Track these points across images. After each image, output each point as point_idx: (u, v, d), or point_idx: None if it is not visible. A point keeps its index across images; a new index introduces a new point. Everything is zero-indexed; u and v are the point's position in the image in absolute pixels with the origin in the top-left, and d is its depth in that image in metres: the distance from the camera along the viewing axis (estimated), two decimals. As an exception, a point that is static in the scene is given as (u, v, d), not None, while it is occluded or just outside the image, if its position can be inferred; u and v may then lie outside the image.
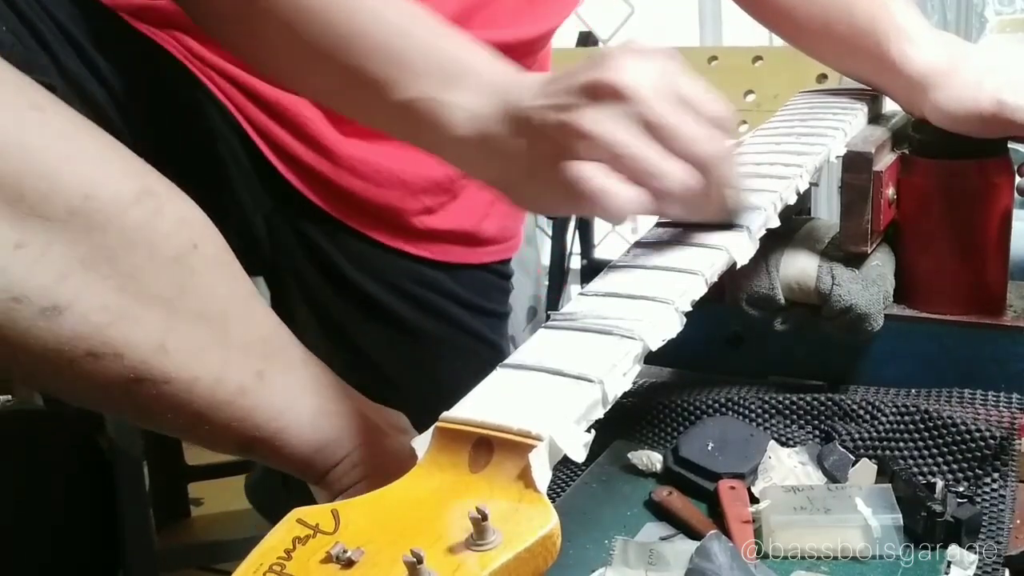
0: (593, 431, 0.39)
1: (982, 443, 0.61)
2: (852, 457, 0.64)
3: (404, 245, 0.83)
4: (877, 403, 0.66)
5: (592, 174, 0.46)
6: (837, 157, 0.67)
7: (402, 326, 0.84)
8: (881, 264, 0.71)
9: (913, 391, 0.69)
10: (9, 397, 1.61)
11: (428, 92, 0.52)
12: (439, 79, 0.52)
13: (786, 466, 0.65)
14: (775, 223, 0.56)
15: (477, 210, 0.86)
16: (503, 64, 0.54)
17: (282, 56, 0.58)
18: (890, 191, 0.69)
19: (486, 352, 0.88)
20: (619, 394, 0.40)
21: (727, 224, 0.53)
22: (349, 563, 0.32)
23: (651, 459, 0.67)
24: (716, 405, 0.70)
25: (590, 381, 0.39)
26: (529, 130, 0.49)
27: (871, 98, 0.76)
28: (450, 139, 0.52)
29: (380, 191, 0.80)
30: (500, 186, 0.53)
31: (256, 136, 0.76)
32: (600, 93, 0.47)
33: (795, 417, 0.69)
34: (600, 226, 2.25)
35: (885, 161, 0.69)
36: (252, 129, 0.76)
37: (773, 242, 0.70)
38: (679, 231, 0.53)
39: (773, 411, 0.69)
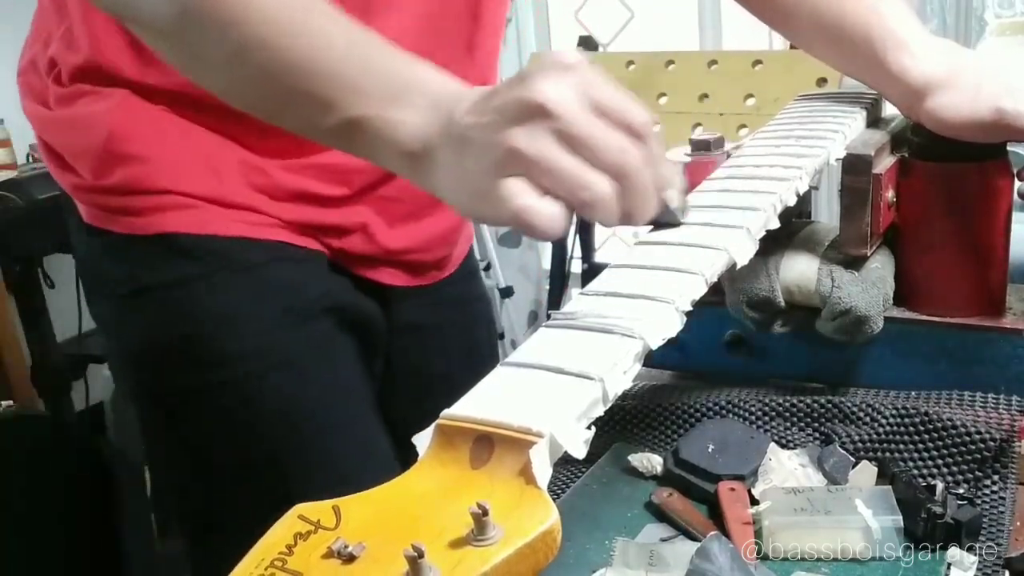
0: (593, 428, 0.39)
1: (982, 445, 0.61)
2: (852, 459, 0.64)
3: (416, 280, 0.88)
4: (877, 405, 0.66)
5: (518, 192, 0.49)
6: (837, 160, 0.67)
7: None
8: (881, 267, 0.71)
9: (913, 393, 0.69)
10: (11, 403, 1.62)
11: (372, 111, 0.55)
12: (383, 97, 0.55)
13: (786, 468, 0.65)
14: (775, 224, 0.56)
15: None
16: (444, 78, 0.56)
17: (223, 74, 0.60)
18: (890, 194, 0.69)
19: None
20: (619, 392, 0.41)
21: (673, 223, 0.54)
22: (350, 558, 0.32)
23: (652, 461, 0.67)
24: (716, 407, 0.70)
25: (590, 379, 0.39)
26: (464, 146, 0.51)
27: (871, 102, 0.76)
28: (395, 154, 0.55)
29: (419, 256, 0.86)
30: (444, 198, 0.55)
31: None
32: (523, 111, 0.49)
33: (795, 419, 0.69)
34: (600, 231, 2.25)
35: (885, 164, 0.69)
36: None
37: (773, 245, 0.70)
38: (679, 231, 0.53)
39: (773, 413, 0.69)
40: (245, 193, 0.75)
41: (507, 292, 2.58)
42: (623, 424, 0.72)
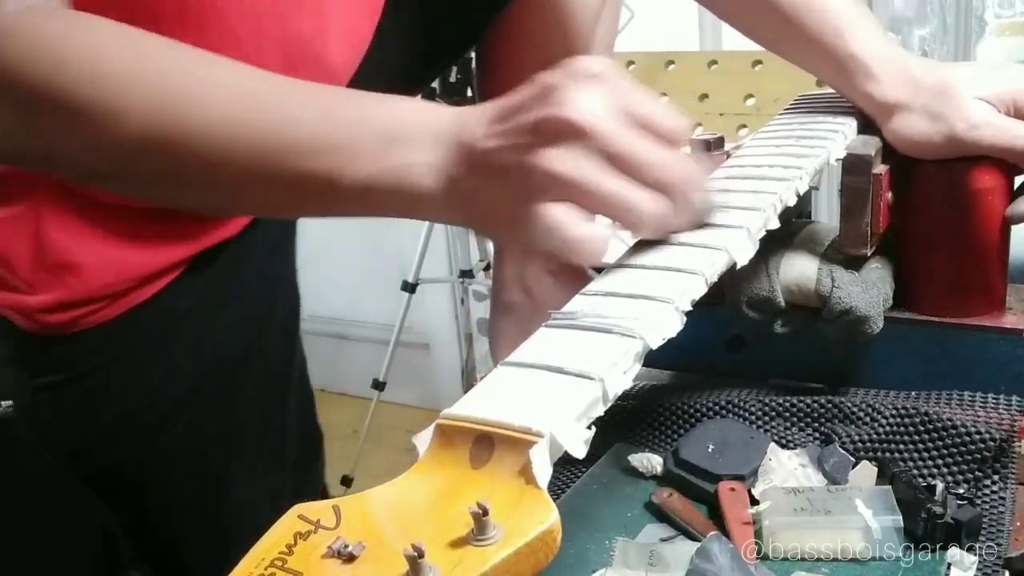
0: (593, 428, 0.39)
1: (982, 445, 0.61)
2: (852, 459, 0.64)
3: None
4: (877, 405, 0.66)
5: (566, 221, 0.45)
6: (837, 160, 0.67)
7: None
8: (881, 267, 0.71)
9: (913, 393, 0.69)
10: (10, 403, 1.61)
11: (379, 164, 0.50)
12: (382, 148, 0.50)
13: (786, 468, 0.65)
14: (775, 224, 0.56)
15: None
16: (431, 108, 0.52)
17: (212, 193, 0.56)
18: (889, 194, 0.69)
19: None
20: (619, 392, 0.41)
21: (700, 224, 0.53)
22: (350, 558, 0.32)
23: (651, 461, 0.67)
24: (716, 407, 0.70)
25: (590, 379, 0.39)
26: (490, 171, 0.48)
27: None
28: (417, 198, 0.50)
29: None
30: (479, 228, 0.52)
31: None
32: (556, 132, 0.46)
33: (795, 419, 0.69)
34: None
35: (884, 164, 0.69)
36: None
37: (773, 245, 0.70)
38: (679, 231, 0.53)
39: (773, 413, 0.69)
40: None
41: (507, 292, 2.57)
42: (623, 424, 0.72)
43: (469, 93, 1.72)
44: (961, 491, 0.58)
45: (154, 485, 0.78)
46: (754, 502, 0.61)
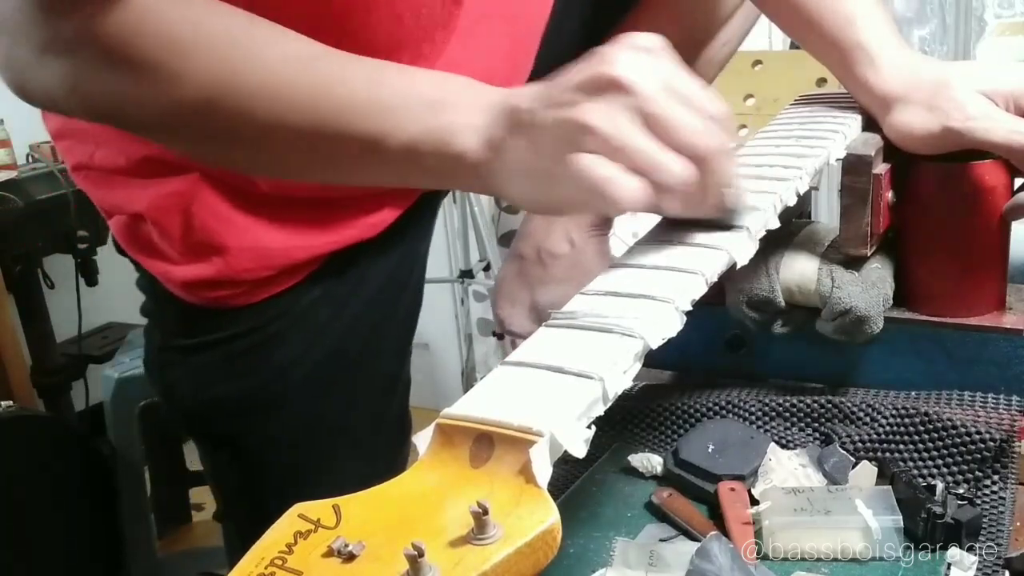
0: (593, 428, 0.39)
1: (982, 445, 0.61)
2: (852, 459, 0.64)
3: None
4: (877, 405, 0.66)
5: (596, 163, 0.47)
6: (837, 160, 0.67)
7: None
8: (881, 267, 0.71)
9: (913, 393, 0.69)
10: (11, 403, 1.61)
11: (423, 125, 0.52)
12: (428, 111, 0.53)
13: (786, 468, 0.65)
14: (775, 224, 0.56)
15: None
16: (479, 83, 0.55)
17: (268, 154, 0.58)
18: (890, 194, 0.69)
19: None
20: (619, 391, 0.40)
21: (726, 224, 0.53)
22: (350, 557, 0.32)
23: (652, 461, 0.67)
24: (716, 408, 0.70)
25: (590, 378, 0.39)
26: (531, 130, 0.50)
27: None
28: (457, 159, 0.52)
29: None
30: (515, 196, 0.53)
31: None
32: (599, 86, 0.47)
33: (795, 419, 0.69)
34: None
35: (884, 164, 0.69)
36: None
37: (773, 245, 0.70)
38: (679, 231, 0.53)
39: (773, 413, 0.69)
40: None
41: (507, 292, 2.57)
42: (623, 424, 0.72)
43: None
44: (961, 491, 0.58)
45: (259, 460, 0.80)
46: (754, 502, 0.61)
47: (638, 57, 0.48)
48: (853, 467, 0.64)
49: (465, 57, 0.69)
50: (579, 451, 0.37)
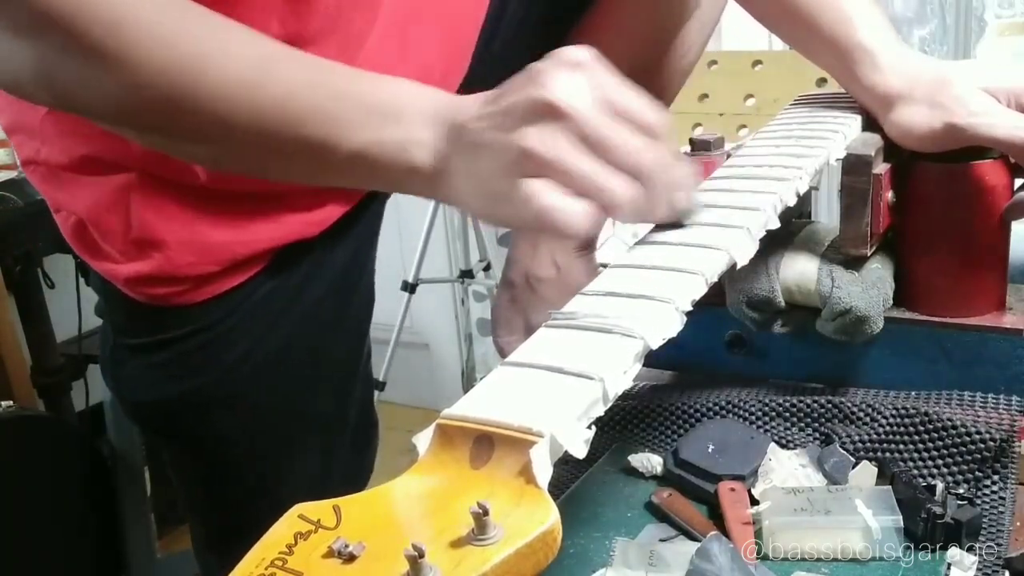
0: (593, 428, 0.39)
1: (982, 445, 0.61)
2: (852, 459, 0.64)
3: None
4: (877, 405, 0.66)
5: (540, 191, 0.47)
6: (837, 160, 0.67)
7: None
8: (881, 267, 0.71)
9: (913, 393, 0.69)
10: (11, 403, 1.61)
11: (367, 136, 0.53)
12: (379, 122, 0.53)
13: (786, 468, 0.65)
14: (775, 224, 0.56)
15: None
16: (432, 90, 0.55)
17: (225, 151, 0.59)
18: (889, 194, 0.69)
19: None
20: (620, 392, 0.40)
21: (680, 224, 0.53)
22: (351, 557, 0.32)
23: (652, 461, 0.67)
24: (716, 408, 0.70)
25: (591, 379, 0.39)
26: (477, 151, 0.50)
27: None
28: (408, 174, 0.53)
29: None
30: (463, 206, 0.54)
31: None
32: (536, 111, 0.48)
33: (795, 419, 0.69)
34: (601, 230, 2.25)
35: (884, 164, 0.69)
36: None
37: (773, 245, 0.70)
38: (679, 231, 0.53)
39: (773, 413, 0.69)
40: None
41: (507, 292, 2.57)
42: (623, 424, 0.72)
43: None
44: (961, 491, 0.58)
45: (215, 457, 0.81)
46: (754, 502, 0.61)
47: (571, 77, 0.48)
48: (853, 467, 0.64)
49: (399, 56, 0.70)
50: (579, 451, 0.37)
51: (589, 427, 0.38)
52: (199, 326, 0.75)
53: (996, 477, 0.61)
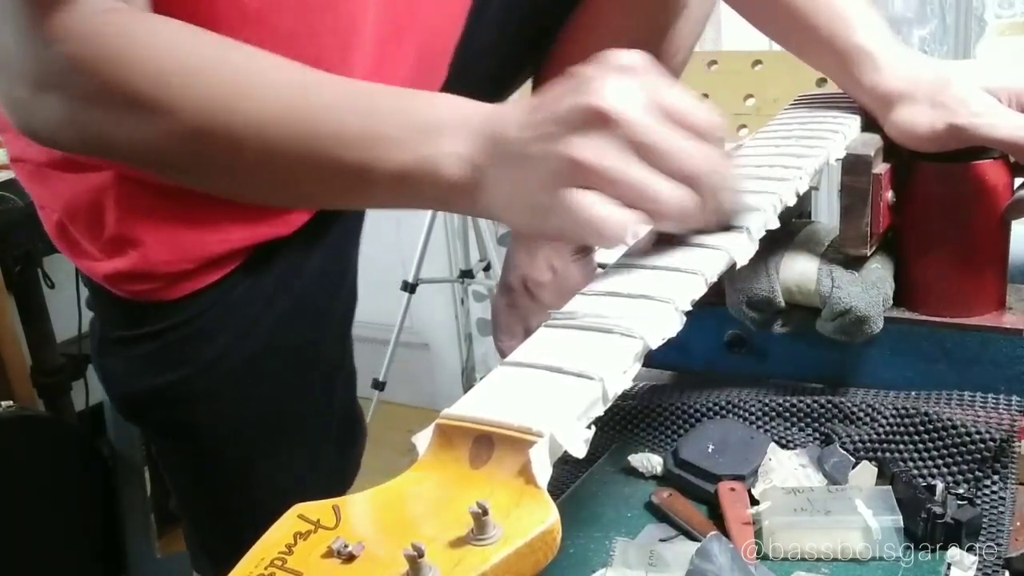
0: (593, 428, 0.39)
1: (982, 445, 0.61)
2: (852, 459, 0.64)
3: None
4: (877, 405, 0.66)
5: (589, 202, 0.46)
6: (837, 160, 0.67)
7: None
8: (881, 267, 0.71)
9: (913, 393, 0.69)
10: (11, 403, 1.61)
11: (409, 156, 0.52)
12: (418, 139, 0.52)
13: (786, 468, 0.65)
14: (775, 224, 0.56)
15: None
16: (470, 103, 0.54)
17: (260, 183, 0.59)
18: (889, 194, 0.69)
19: None
20: (619, 391, 0.40)
21: (725, 226, 0.53)
22: (350, 557, 0.32)
23: (651, 461, 0.67)
24: (716, 408, 0.70)
25: (590, 378, 0.39)
26: (521, 162, 0.49)
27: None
28: (449, 191, 0.52)
29: None
30: (501, 218, 0.52)
31: None
32: (586, 119, 0.46)
33: (795, 419, 0.69)
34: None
35: (884, 164, 0.69)
36: None
37: (773, 245, 0.70)
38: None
39: (773, 413, 0.69)
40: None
41: (507, 292, 2.57)
42: (623, 424, 0.72)
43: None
44: (961, 491, 0.58)
45: (201, 449, 0.82)
46: (754, 502, 0.61)
47: (622, 83, 0.47)
48: (853, 467, 0.64)
49: (372, 73, 0.70)
50: (579, 451, 0.37)
51: (589, 427, 0.38)
52: (178, 321, 0.75)
53: (996, 477, 0.61)
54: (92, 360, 0.82)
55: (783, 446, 0.67)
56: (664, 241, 0.52)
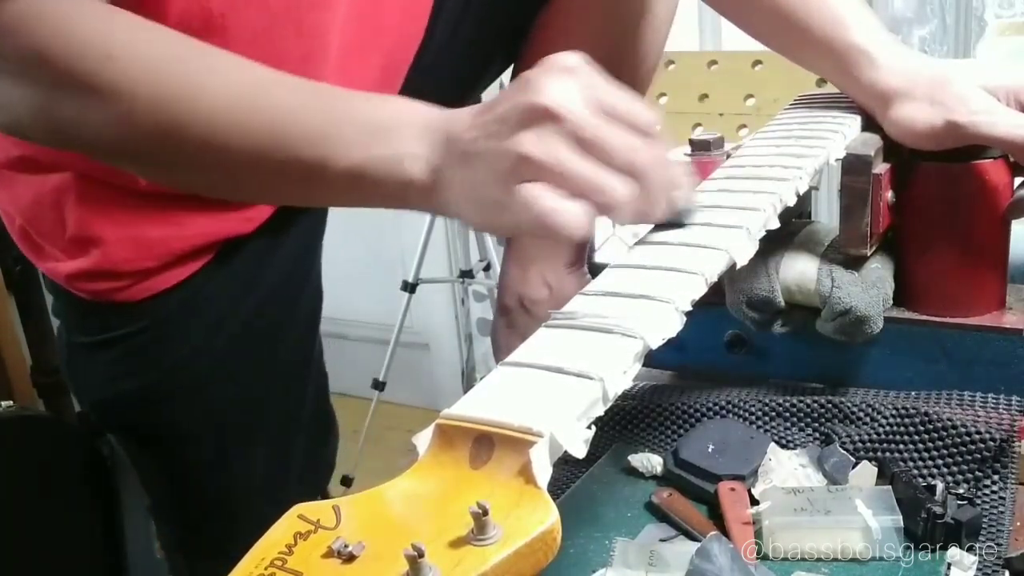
0: (593, 428, 0.39)
1: (982, 445, 0.61)
2: (852, 459, 0.64)
3: None
4: (877, 405, 0.66)
5: (540, 195, 0.47)
6: (836, 160, 0.67)
7: None
8: (880, 267, 0.71)
9: (913, 393, 0.69)
10: (11, 403, 1.61)
11: (363, 153, 0.53)
12: (372, 139, 0.53)
13: (786, 468, 0.65)
14: (775, 224, 0.56)
15: None
16: (423, 105, 0.55)
17: (220, 177, 0.59)
18: (889, 194, 0.69)
19: None
20: (619, 392, 0.40)
21: (679, 223, 0.54)
22: (350, 557, 0.32)
23: (652, 461, 0.67)
24: (716, 408, 0.70)
25: (590, 379, 0.39)
26: (473, 160, 0.50)
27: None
28: (405, 189, 0.53)
29: None
30: (460, 216, 0.54)
31: None
32: (531, 116, 0.48)
33: (795, 419, 0.69)
34: (600, 230, 2.26)
35: (884, 164, 0.69)
36: None
37: (773, 245, 0.70)
38: (679, 231, 0.53)
39: (773, 413, 0.69)
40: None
41: (507, 292, 2.57)
42: (623, 424, 0.72)
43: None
44: (961, 491, 0.58)
45: (172, 451, 0.82)
46: (754, 502, 0.61)
47: (563, 81, 0.49)
48: (853, 467, 0.64)
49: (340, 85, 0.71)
50: (579, 451, 0.37)
51: (589, 427, 0.38)
52: (145, 323, 0.76)
53: (996, 477, 0.61)
54: (62, 369, 0.82)
55: (783, 446, 0.67)
56: (664, 241, 0.52)
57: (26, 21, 0.53)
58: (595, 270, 0.90)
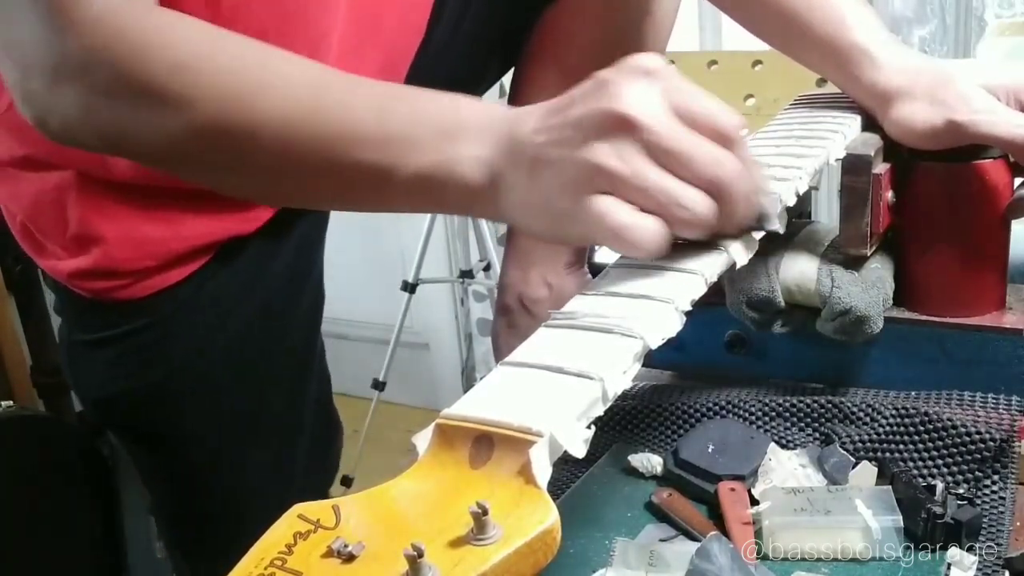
0: (593, 428, 0.39)
1: (982, 445, 0.61)
2: (852, 459, 0.64)
3: None
4: (877, 405, 0.66)
5: (614, 209, 0.45)
6: (836, 160, 0.67)
7: None
8: (880, 267, 0.71)
9: (913, 393, 0.69)
10: (11, 403, 1.61)
11: (429, 158, 0.51)
12: (437, 141, 0.51)
13: (786, 468, 0.65)
14: (775, 224, 0.56)
15: None
16: (487, 106, 0.53)
17: (277, 182, 0.58)
18: (889, 194, 0.69)
19: None
20: (619, 391, 0.40)
21: (759, 228, 0.52)
22: (350, 557, 0.32)
23: (651, 461, 0.67)
24: (716, 408, 0.70)
25: (590, 378, 0.39)
26: (540, 167, 0.48)
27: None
28: (466, 193, 0.51)
29: None
30: (519, 223, 0.52)
31: None
32: (608, 125, 0.46)
33: (795, 419, 0.69)
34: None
35: (884, 164, 0.69)
36: None
37: (773, 245, 0.70)
38: None
39: (773, 413, 0.69)
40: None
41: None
42: (623, 424, 0.72)
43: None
44: (961, 491, 0.58)
45: (172, 451, 0.82)
46: (754, 502, 0.61)
47: (643, 87, 0.46)
48: (853, 467, 0.64)
49: None
50: (579, 451, 0.37)
51: (589, 427, 0.38)
52: (146, 321, 0.76)
53: (996, 477, 0.61)
54: (63, 367, 0.82)
55: (783, 446, 0.67)
56: None
57: (88, 23, 0.53)
58: (595, 270, 0.90)
